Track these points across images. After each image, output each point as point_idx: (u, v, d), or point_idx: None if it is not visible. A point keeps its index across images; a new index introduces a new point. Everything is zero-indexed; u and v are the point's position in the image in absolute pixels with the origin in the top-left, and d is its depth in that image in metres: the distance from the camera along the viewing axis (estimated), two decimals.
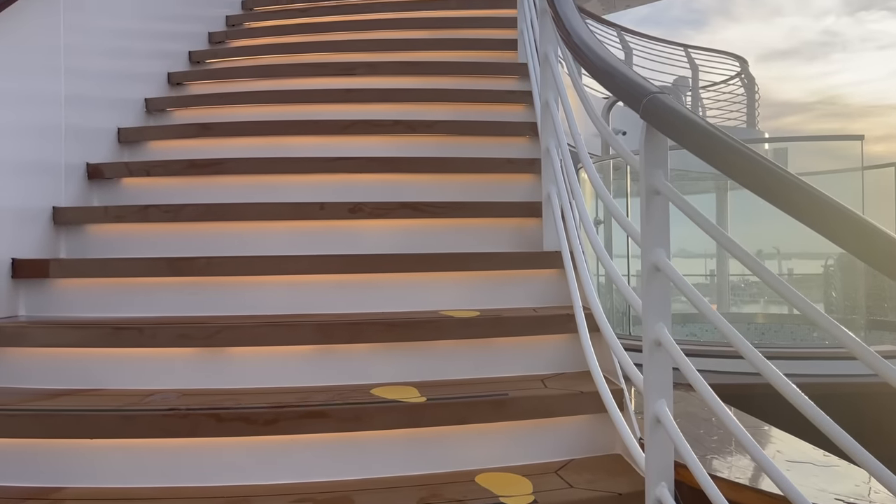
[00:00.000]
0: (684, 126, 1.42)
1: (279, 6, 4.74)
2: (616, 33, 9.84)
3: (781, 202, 1.16)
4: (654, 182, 1.52)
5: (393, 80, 3.56)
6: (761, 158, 1.24)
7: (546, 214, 2.57)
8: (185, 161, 2.87)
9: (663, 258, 1.50)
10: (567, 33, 2.09)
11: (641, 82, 1.58)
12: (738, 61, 11.62)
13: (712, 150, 1.33)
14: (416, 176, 2.88)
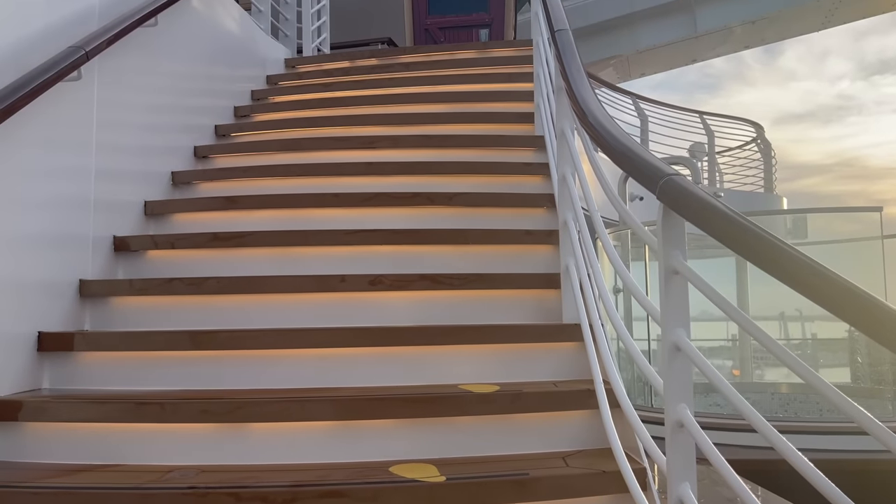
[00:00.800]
0: (701, 208, 1.44)
1: (303, 81, 4.90)
2: (631, 101, 10.00)
3: (802, 288, 1.16)
4: (673, 262, 1.53)
5: (413, 153, 3.64)
6: (780, 243, 1.25)
7: (565, 286, 2.58)
8: (209, 234, 2.93)
9: (683, 338, 1.50)
10: (582, 112, 2.14)
11: (657, 164, 1.62)
12: (754, 127, 11.73)
13: (730, 233, 1.35)
14: (435, 247, 2.92)
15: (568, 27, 2.66)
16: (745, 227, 1.32)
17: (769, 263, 1.24)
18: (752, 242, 1.30)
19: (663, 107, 10.50)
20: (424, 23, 6.85)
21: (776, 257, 1.24)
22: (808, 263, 1.18)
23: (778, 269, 1.23)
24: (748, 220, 1.34)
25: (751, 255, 1.31)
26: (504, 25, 6.73)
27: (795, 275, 1.19)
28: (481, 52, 5.03)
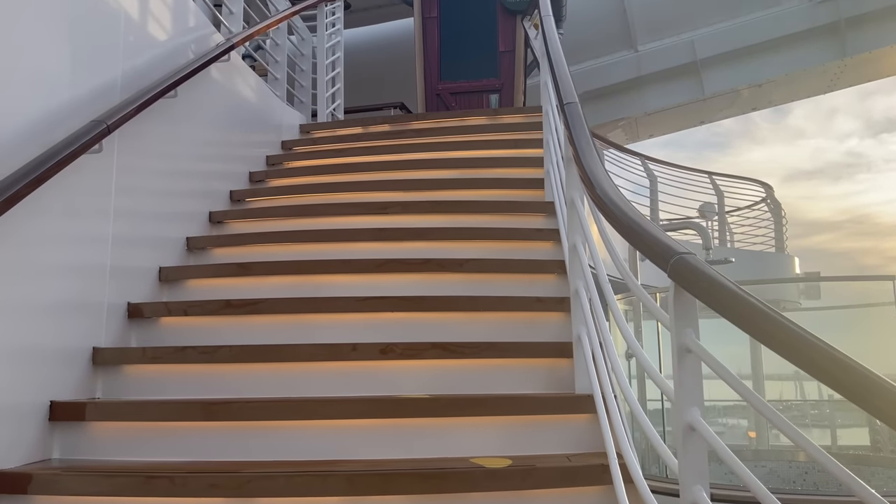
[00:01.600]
0: (712, 288, 1.45)
1: (317, 146, 5.00)
2: (640, 161, 10.11)
3: (817, 372, 1.16)
4: (685, 341, 1.53)
5: (424, 219, 3.68)
6: (794, 326, 1.25)
7: (577, 356, 2.57)
8: (222, 301, 2.95)
9: (698, 418, 1.49)
10: (592, 186, 2.17)
11: (667, 241, 1.63)
12: (763, 187, 11.80)
13: (743, 315, 1.35)
14: (446, 314, 2.92)
15: (577, 100, 2.72)
16: (758, 309, 1.32)
17: (783, 346, 1.24)
18: (764, 324, 1.30)
19: (672, 167, 10.60)
20: (436, 88, 7.00)
21: (790, 340, 1.24)
22: (822, 348, 1.18)
23: (792, 352, 1.23)
24: (761, 302, 1.34)
25: (763, 337, 1.31)
26: (514, 90, 6.86)
27: (810, 359, 1.19)
28: (492, 118, 5.13)
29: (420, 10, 7.02)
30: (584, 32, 8.90)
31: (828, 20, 8.94)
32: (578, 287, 2.64)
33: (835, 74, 9.87)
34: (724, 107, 10.61)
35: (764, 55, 9.22)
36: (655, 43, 9.34)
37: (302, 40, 6.02)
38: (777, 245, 11.55)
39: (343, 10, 6.57)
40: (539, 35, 4.56)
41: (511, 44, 6.81)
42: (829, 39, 9.05)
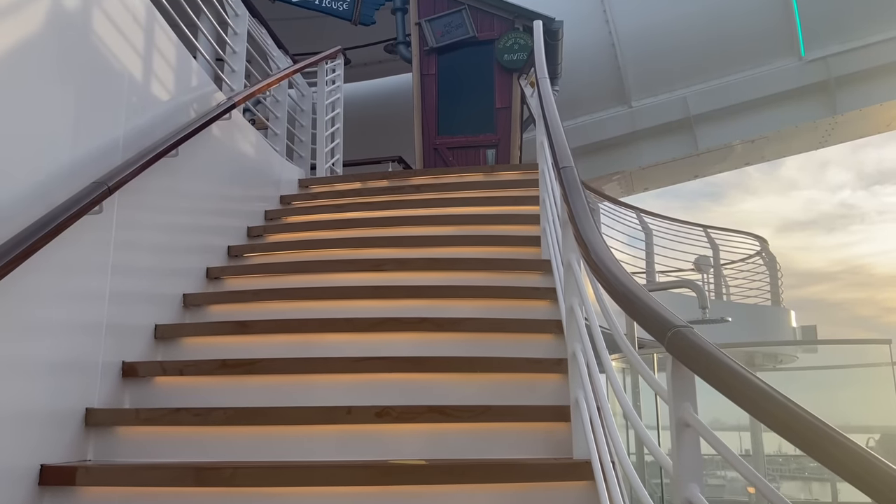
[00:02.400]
0: (710, 363, 1.45)
1: (316, 201, 5.04)
2: (636, 215, 10.18)
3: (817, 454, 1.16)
4: (684, 415, 1.53)
5: (421, 276, 3.69)
6: (792, 404, 1.25)
7: (575, 421, 2.55)
8: (218, 361, 2.94)
9: (697, 494, 1.47)
10: (588, 251, 2.19)
11: (665, 314, 1.63)
12: (758, 240, 11.86)
13: (741, 393, 1.34)
14: (443, 376, 2.90)
15: (573, 164, 2.76)
16: (757, 387, 1.32)
17: (781, 426, 1.24)
18: (764, 403, 1.29)
19: (667, 220, 10.67)
20: (434, 142, 7.10)
21: (789, 420, 1.24)
22: (821, 428, 1.17)
23: (790, 433, 1.22)
24: (759, 380, 1.34)
25: (763, 416, 1.30)
26: (510, 145, 6.96)
27: (808, 439, 1.18)
28: (489, 175, 5.19)
29: (419, 67, 7.17)
30: (579, 88, 9.06)
31: (818, 79, 9.13)
32: (576, 350, 2.63)
33: (826, 131, 10.04)
34: (717, 161, 10.75)
35: (756, 112, 9.39)
36: (649, 99, 9.51)
37: (302, 96, 6.13)
38: (773, 298, 11.55)
39: (343, 66, 6.70)
40: (535, 93, 4.65)
41: (508, 100, 6.93)
42: (819, 97, 9.23)
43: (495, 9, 6.98)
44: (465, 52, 7.11)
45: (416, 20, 7.14)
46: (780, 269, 11.65)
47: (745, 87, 9.29)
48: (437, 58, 7.13)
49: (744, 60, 9.29)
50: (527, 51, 6.67)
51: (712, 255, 10.95)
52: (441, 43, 7.05)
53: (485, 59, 7.09)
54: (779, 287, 11.28)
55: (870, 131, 10.70)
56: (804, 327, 10.36)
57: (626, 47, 9.38)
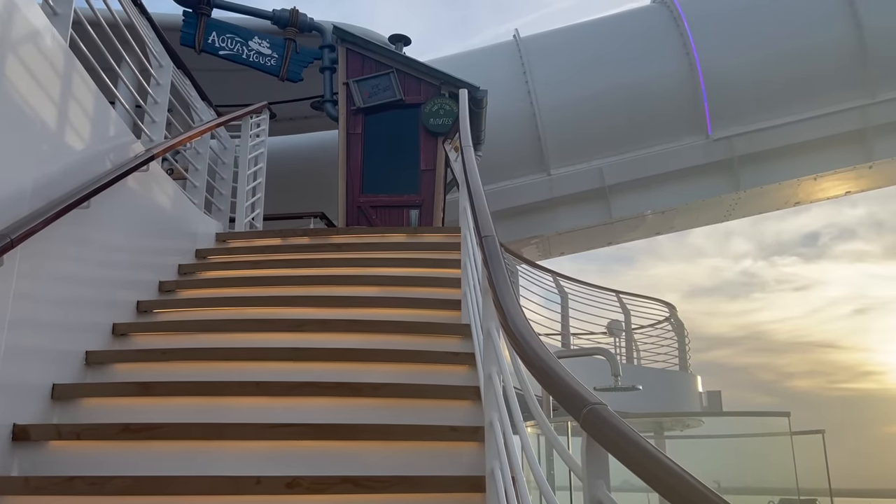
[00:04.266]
0: (624, 443, 1.47)
1: (233, 257, 4.92)
2: (552, 278, 10.43)
3: None
4: (597, 493, 1.54)
5: (341, 338, 3.63)
6: (702, 487, 1.28)
7: (490, 492, 2.53)
8: (120, 425, 2.78)
9: None
10: (507, 321, 2.22)
11: (581, 391, 1.66)
12: (667, 307, 12.31)
13: (652, 473, 1.37)
14: (358, 444, 2.84)
15: (494, 233, 2.81)
16: (668, 468, 1.35)
17: None
18: (675, 485, 1.32)
19: (582, 285, 10.97)
20: (357, 200, 7.11)
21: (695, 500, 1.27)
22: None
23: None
24: (670, 460, 1.37)
25: (673, 497, 1.33)
26: (434, 207, 7.04)
27: None
28: (411, 236, 5.22)
29: (345, 126, 7.21)
30: (501, 154, 9.31)
31: (723, 156, 9.73)
32: (493, 419, 2.63)
33: (730, 206, 10.64)
34: (630, 230, 11.19)
35: (666, 185, 9.88)
36: (567, 168, 9.88)
37: (224, 148, 6.05)
38: (681, 363, 11.95)
39: (268, 121, 6.67)
40: (459, 158, 4.74)
41: (432, 163, 7.04)
42: (724, 174, 9.82)
43: (422, 74, 7.15)
44: (391, 114, 7.21)
45: (345, 80, 7.21)
46: (687, 335, 12.10)
47: (657, 161, 9.79)
48: (363, 118, 7.20)
49: (656, 136, 9.81)
50: (452, 116, 6.83)
51: (624, 319, 11.29)
52: (368, 104, 7.13)
53: (411, 122, 7.20)
54: (686, 352, 11.69)
55: (770, 207, 11.42)
56: (710, 393, 10.73)
57: (546, 118, 9.75)
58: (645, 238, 12.12)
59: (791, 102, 9.60)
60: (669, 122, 9.81)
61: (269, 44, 7.51)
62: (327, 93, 7.65)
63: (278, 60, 7.54)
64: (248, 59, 7.45)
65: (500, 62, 10.19)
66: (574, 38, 10.51)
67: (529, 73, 9.85)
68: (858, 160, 9.67)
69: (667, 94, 9.78)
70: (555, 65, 10.16)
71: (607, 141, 9.81)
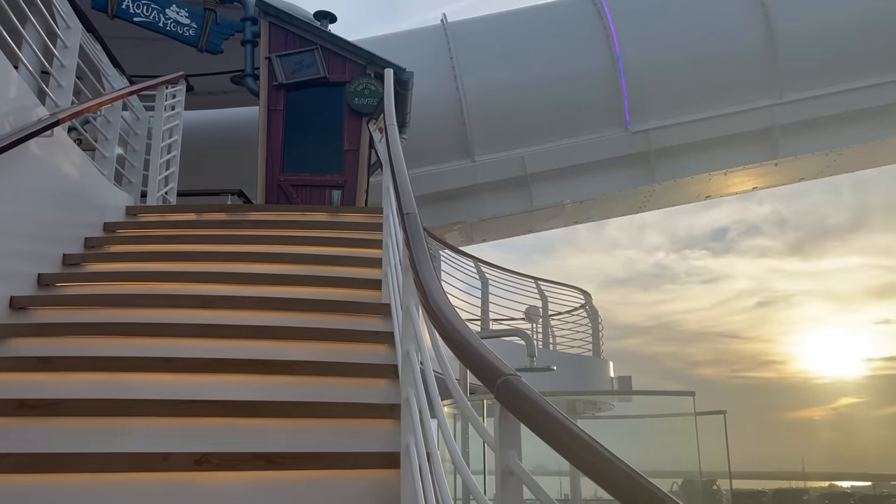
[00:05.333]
0: (536, 413, 1.50)
1: (144, 231, 4.73)
2: (474, 264, 10.52)
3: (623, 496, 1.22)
4: (508, 463, 1.56)
5: (256, 315, 3.55)
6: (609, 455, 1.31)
7: (404, 468, 2.53)
8: (15, 401, 2.63)
9: None
10: (426, 297, 2.21)
11: (496, 363, 1.68)
12: (583, 294, 12.63)
13: (562, 442, 1.39)
14: (271, 421, 2.79)
15: (416, 211, 2.80)
16: (578, 438, 1.37)
17: (599, 476, 1.29)
18: (583, 453, 1.35)
19: (502, 271, 11.12)
20: (278, 179, 6.94)
21: (605, 470, 1.30)
22: (634, 478, 1.24)
23: (606, 482, 1.28)
24: (581, 430, 1.40)
25: (582, 465, 1.35)
26: (357, 188, 6.96)
27: (623, 488, 1.24)
28: (333, 215, 5.15)
29: (266, 102, 7.02)
30: (426, 139, 9.29)
31: (640, 149, 10.02)
32: (409, 395, 2.63)
33: (645, 198, 10.98)
34: (549, 218, 11.39)
35: (585, 175, 10.11)
36: (491, 155, 9.96)
37: (137, 119, 5.79)
38: (594, 349, 12.31)
39: (185, 93, 6.43)
40: (383, 139, 4.70)
41: (356, 143, 6.95)
42: (640, 167, 10.12)
43: (348, 53, 7.03)
44: (314, 92, 7.07)
45: (267, 54, 7.02)
46: (601, 322, 12.46)
47: (578, 151, 9.99)
48: (285, 94, 7.03)
49: (578, 127, 10.01)
50: (377, 97, 6.76)
51: (542, 305, 11.52)
52: (291, 80, 6.97)
53: (335, 101, 7.08)
54: (599, 339, 12.03)
55: (682, 200, 11.85)
56: (621, 377, 11.09)
57: (472, 104, 9.79)
58: (564, 227, 12.38)
59: (705, 99, 9.97)
60: (591, 114, 10.02)
61: (188, 13, 7.23)
62: (248, 67, 7.43)
63: (197, 31, 7.26)
64: (164, 28, 7.14)
65: (428, 46, 10.15)
66: (502, 26, 10.57)
67: (456, 59, 9.85)
68: (765, 157, 10.14)
69: (589, 87, 9.98)
70: (482, 52, 10.20)
71: (531, 130, 9.94)
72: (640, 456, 8.32)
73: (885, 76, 9.94)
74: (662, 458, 9.57)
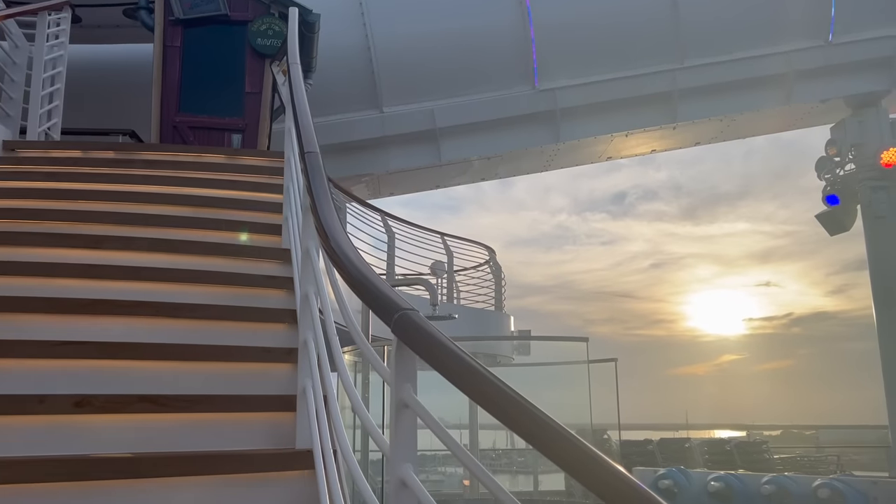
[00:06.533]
0: (432, 346, 1.49)
1: (23, 167, 4.39)
2: (381, 218, 10.44)
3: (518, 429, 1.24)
4: (403, 396, 1.55)
5: (146, 257, 3.39)
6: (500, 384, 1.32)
7: (300, 410, 2.50)
8: None
9: (410, 474, 1.50)
10: (325, 236, 2.16)
11: (393, 297, 1.66)
12: (488, 250, 12.83)
13: (457, 372, 1.40)
14: (161, 364, 2.68)
15: (318, 150, 2.72)
16: (471, 368, 1.38)
17: (489, 403, 1.30)
18: (476, 382, 1.35)
19: (409, 226, 11.11)
20: (173, 119, 6.59)
21: (498, 398, 1.31)
22: (523, 405, 1.25)
23: (499, 411, 1.29)
24: (476, 361, 1.40)
25: (474, 394, 1.36)
26: (258, 133, 6.70)
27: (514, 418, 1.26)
28: (232, 157, 4.95)
29: (161, 38, 6.62)
30: (333, 87, 9.04)
31: (546, 108, 10.12)
32: (308, 338, 2.58)
33: (550, 157, 11.16)
34: (457, 174, 11.41)
35: (493, 132, 10.14)
36: (400, 107, 9.81)
37: (16, 47, 5.34)
38: (497, 304, 12.57)
39: (70, 23, 5.96)
40: (286, 81, 4.53)
41: (258, 86, 6.68)
42: (546, 125, 10.23)
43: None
44: (214, 30, 6.71)
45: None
46: (504, 278, 12.71)
47: (486, 107, 10.00)
48: (182, 30, 6.64)
49: (486, 82, 9.99)
50: (281, 38, 6.49)
51: (447, 261, 11.62)
52: (189, 15, 6.58)
53: (236, 41, 6.75)
54: (502, 293, 12.28)
55: (585, 160, 12.12)
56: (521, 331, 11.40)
57: (381, 53, 9.58)
58: (471, 183, 12.44)
59: (611, 61, 10.15)
60: (500, 70, 10.02)
61: None
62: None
63: None
64: None
65: None
66: None
67: (366, 6, 9.58)
68: (664, 121, 10.47)
69: (499, 42, 9.96)
70: (393, 0, 9.96)
71: (441, 83, 9.84)
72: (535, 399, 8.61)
73: (773, 47, 10.40)
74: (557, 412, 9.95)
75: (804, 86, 10.63)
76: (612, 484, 1.06)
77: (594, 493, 1.12)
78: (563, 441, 1.17)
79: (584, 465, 1.11)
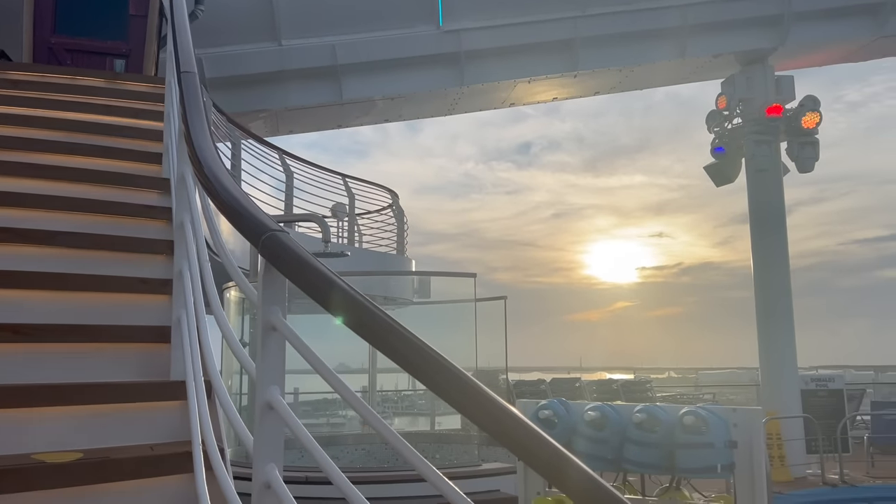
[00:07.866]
0: (299, 266, 1.46)
1: None
2: (278, 156, 10.12)
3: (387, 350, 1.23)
4: (271, 318, 1.52)
5: (14, 182, 3.15)
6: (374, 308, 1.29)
7: (174, 341, 2.42)
8: None
9: (277, 397, 1.49)
10: (198, 160, 2.07)
11: (262, 219, 1.61)
12: (391, 194, 12.73)
13: (328, 296, 1.36)
14: (25, 292, 2.53)
15: (195, 70, 2.58)
16: (343, 291, 1.35)
17: (361, 326, 1.28)
18: (348, 306, 1.33)
19: (309, 166, 10.83)
20: (49, 41, 6.10)
21: (366, 319, 1.29)
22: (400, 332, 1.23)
23: (367, 331, 1.28)
24: (347, 284, 1.38)
25: (347, 318, 1.32)
26: (144, 59, 6.31)
27: (384, 339, 1.25)
28: (110, 82, 4.64)
29: None
30: (228, 15, 8.61)
31: (451, 49, 10.01)
32: (183, 268, 2.49)
33: (454, 100, 11.11)
34: (360, 114, 11.19)
35: (397, 71, 9.96)
36: (300, 40, 9.45)
37: None
38: (399, 248, 12.56)
39: None
40: None
41: (144, 8, 6.27)
42: (450, 67, 10.14)
43: None
44: None
45: None
46: (406, 222, 12.69)
47: (390, 45, 9.79)
48: None
49: (391, 19, 9.76)
50: None
51: (348, 203, 11.46)
52: None
53: None
54: (404, 238, 12.28)
55: (489, 105, 12.15)
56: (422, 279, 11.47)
57: None
58: (374, 123, 12.24)
59: (515, 5, 10.11)
60: (404, 7, 9.80)
61: None
62: None
63: None
64: None
65: None
66: None
67: None
68: (566, 69, 10.58)
69: None
70: None
71: (342, 17, 9.53)
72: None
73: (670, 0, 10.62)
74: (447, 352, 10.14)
75: (698, 40, 10.96)
76: (492, 413, 1.06)
77: (475, 423, 1.12)
78: (433, 363, 1.17)
79: (466, 396, 1.11)
